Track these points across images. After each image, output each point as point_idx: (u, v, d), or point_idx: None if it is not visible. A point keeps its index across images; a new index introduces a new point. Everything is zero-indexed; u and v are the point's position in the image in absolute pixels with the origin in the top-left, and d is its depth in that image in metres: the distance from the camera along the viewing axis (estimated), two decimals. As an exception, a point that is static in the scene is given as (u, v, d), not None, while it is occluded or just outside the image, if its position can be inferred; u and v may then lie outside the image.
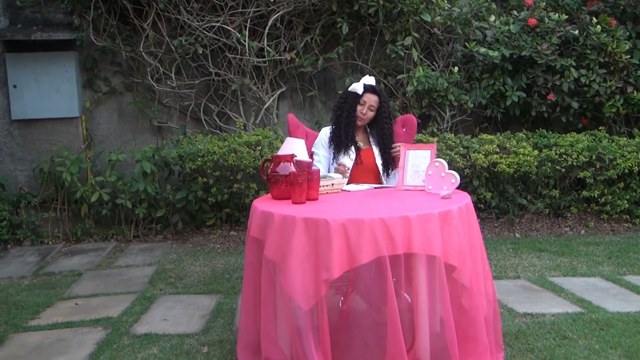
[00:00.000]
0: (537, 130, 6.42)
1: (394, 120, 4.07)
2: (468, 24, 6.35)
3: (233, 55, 6.22)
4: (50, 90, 6.23)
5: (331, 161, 3.83)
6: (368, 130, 3.95)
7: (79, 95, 6.31)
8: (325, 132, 3.92)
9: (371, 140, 3.93)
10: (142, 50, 6.26)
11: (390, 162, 3.85)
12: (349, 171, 3.69)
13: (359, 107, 3.81)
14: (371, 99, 3.81)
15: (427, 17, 6.07)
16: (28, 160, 6.30)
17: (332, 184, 3.37)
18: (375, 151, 3.87)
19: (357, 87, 3.82)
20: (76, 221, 6.17)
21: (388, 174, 3.87)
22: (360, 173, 3.77)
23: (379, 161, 3.85)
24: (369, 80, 3.88)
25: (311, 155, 3.88)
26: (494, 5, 6.60)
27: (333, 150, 3.83)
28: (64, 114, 6.28)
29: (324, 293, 2.67)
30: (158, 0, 5.95)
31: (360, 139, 3.90)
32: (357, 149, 3.82)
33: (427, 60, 6.48)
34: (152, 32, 6.24)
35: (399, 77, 6.31)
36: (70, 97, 6.26)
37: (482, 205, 6.10)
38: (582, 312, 3.80)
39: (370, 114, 3.83)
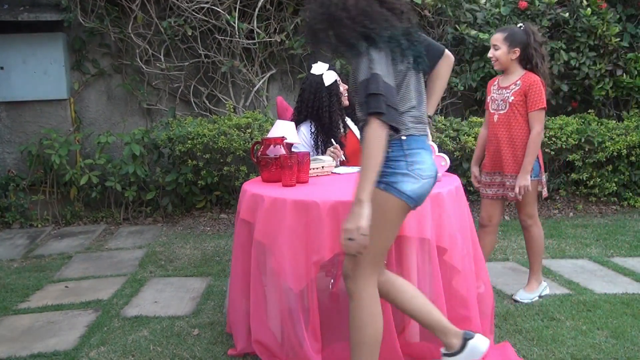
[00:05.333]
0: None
1: None
2: (458, 6, 6.33)
3: (222, 37, 6.18)
4: (38, 72, 6.17)
5: (316, 152, 3.77)
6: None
7: (67, 77, 6.25)
8: (304, 131, 3.73)
9: (347, 120, 3.90)
10: (130, 31, 6.20)
11: None
12: (342, 156, 3.67)
13: (342, 88, 3.77)
14: (338, 77, 3.79)
15: (418, -1, 6.05)
16: (16, 143, 6.25)
17: (322, 167, 3.37)
18: (355, 130, 3.86)
19: (330, 76, 3.70)
20: (65, 204, 6.14)
21: None
22: (348, 157, 3.75)
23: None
24: (323, 66, 3.76)
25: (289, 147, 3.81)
26: (484, -12, 6.59)
27: (321, 147, 3.71)
28: (52, 96, 6.23)
29: (314, 275, 2.68)
30: (146, -20, 5.90)
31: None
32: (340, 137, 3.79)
33: (418, 42, 6.45)
34: (141, 13, 6.18)
35: (390, 59, 6.29)
36: (58, 78, 6.21)
37: (471, 188, 6.11)
38: (569, 294, 3.84)
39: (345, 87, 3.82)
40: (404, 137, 2.32)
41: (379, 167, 2.19)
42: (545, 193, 3.77)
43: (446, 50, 2.58)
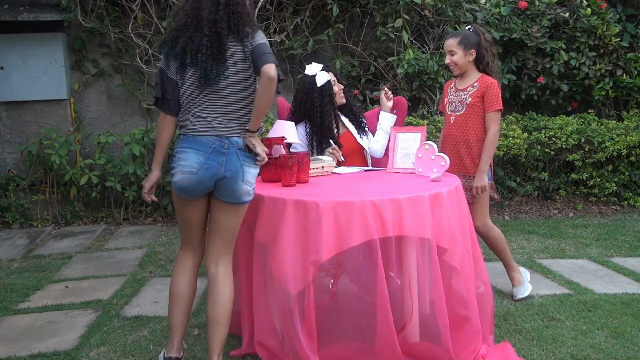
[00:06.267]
0: (527, 113, 6.44)
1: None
2: (458, 6, 6.33)
3: (223, 37, 6.17)
4: (38, 72, 6.17)
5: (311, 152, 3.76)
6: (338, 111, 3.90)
7: (67, 77, 6.25)
8: (300, 131, 3.75)
9: (344, 120, 3.89)
10: (130, 31, 6.19)
11: (363, 122, 3.87)
12: (341, 157, 3.66)
13: (336, 88, 3.77)
14: (333, 77, 3.80)
15: (418, -1, 6.05)
16: (16, 143, 6.25)
17: (323, 167, 3.37)
18: (352, 130, 3.85)
19: (322, 77, 3.73)
20: (65, 204, 6.14)
21: (366, 133, 3.87)
22: (345, 156, 3.74)
23: (359, 139, 3.83)
24: (316, 66, 3.81)
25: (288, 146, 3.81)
26: (484, -12, 6.58)
27: (316, 147, 3.71)
28: (52, 96, 6.22)
29: (313, 276, 2.68)
30: (146, -20, 5.89)
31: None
32: (336, 137, 3.78)
33: (418, 42, 6.46)
34: (141, 13, 6.18)
35: (390, 59, 6.29)
36: (58, 78, 6.20)
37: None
38: (569, 294, 3.84)
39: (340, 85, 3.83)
40: (180, 137, 2.74)
41: (161, 144, 2.84)
42: (497, 197, 3.81)
43: (264, 68, 2.56)
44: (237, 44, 2.64)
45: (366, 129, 3.88)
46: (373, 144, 3.87)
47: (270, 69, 2.55)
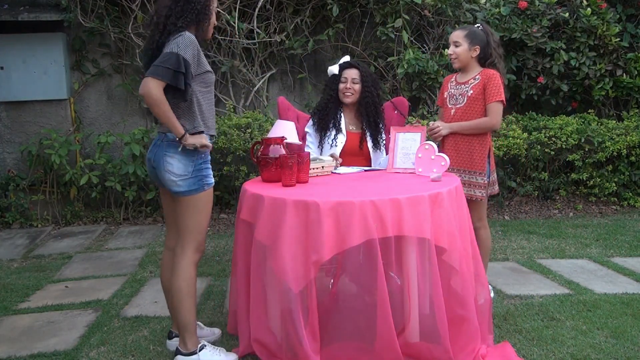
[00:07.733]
0: (527, 113, 6.44)
1: (383, 104, 4.02)
2: (458, 6, 6.33)
3: (222, 37, 6.18)
4: (38, 72, 6.17)
5: (317, 145, 3.80)
6: (363, 114, 3.85)
7: (67, 77, 6.25)
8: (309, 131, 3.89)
9: (364, 123, 3.87)
10: (130, 31, 6.19)
11: (379, 137, 3.81)
12: (340, 163, 3.66)
13: (341, 86, 3.79)
14: (351, 73, 3.79)
15: (418, -1, 6.05)
16: (16, 143, 6.25)
17: (323, 167, 3.37)
18: (368, 138, 3.82)
19: (334, 68, 3.86)
20: (65, 204, 6.14)
21: (379, 148, 3.80)
22: (350, 157, 3.73)
23: (370, 148, 3.80)
24: (345, 58, 3.93)
25: (305, 135, 3.87)
26: (484, -12, 6.58)
27: (319, 135, 3.79)
28: (52, 96, 6.22)
29: (314, 275, 2.68)
30: (146, -20, 5.89)
31: (352, 122, 3.86)
32: (344, 133, 3.77)
33: (418, 42, 6.46)
34: (141, 13, 6.17)
35: (390, 59, 6.29)
36: (58, 78, 6.20)
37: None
38: (569, 294, 3.84)
39: (357, 87, 3.79)
40: None
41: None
42: (496, 190, 3.71)
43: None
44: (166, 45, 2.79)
45: (381, 147, 3.83)
46: (382, 161, 3.82)
47: (141, 84, 2.71)
